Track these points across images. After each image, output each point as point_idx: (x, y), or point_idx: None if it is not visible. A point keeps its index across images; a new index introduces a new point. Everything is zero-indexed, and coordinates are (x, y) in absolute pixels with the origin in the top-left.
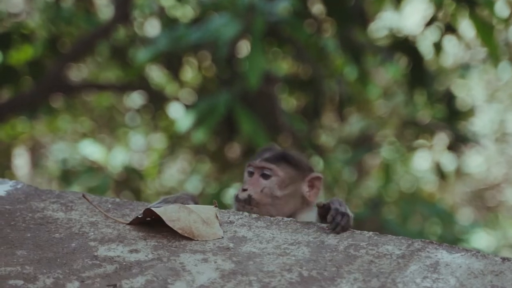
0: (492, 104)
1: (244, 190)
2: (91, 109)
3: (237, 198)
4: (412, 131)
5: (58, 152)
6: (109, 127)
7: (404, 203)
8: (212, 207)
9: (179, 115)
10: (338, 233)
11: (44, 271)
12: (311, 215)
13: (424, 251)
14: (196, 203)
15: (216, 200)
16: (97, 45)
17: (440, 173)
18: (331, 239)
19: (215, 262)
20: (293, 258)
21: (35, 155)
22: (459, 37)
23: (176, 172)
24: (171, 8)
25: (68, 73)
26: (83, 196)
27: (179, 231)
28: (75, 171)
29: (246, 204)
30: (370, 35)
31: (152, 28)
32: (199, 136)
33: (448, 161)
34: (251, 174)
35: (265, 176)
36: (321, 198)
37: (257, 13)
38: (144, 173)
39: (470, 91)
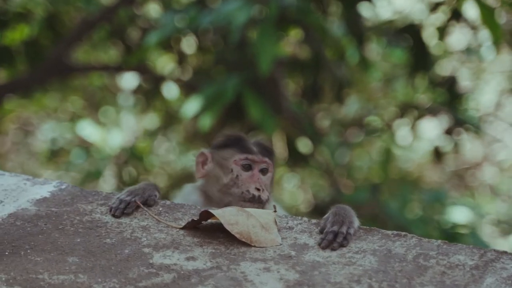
0: (476, 85)
1: (258, 189)
2: (83, 88)
3: (259, 199)
4: (412, 114)
5: (47, 131)
6: (101, 107)
7: (402, 188)
8: (270, 211)
9: (176, 95)
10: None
11: (99, 280)
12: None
13: (498, 261)
14: (158, 191)
15: None
16: (100, 27)
17: (437, 156)
18: (398, 248)
19: (278, 272)
20: (360, 268)
21: (23, 134)
22: (465, 22)
23: (168, 152)
24: None
25: (68, 56)
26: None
27: (237, 236)
28: (64, 150)
29: (261, 203)
30: (376, 18)
31: (154, 10)
32: (206, 121)
33: (446, 144)
34: (247, 168)
35: (264, 172)
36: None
37: None
38: (137, 153)
39: (469, 75)
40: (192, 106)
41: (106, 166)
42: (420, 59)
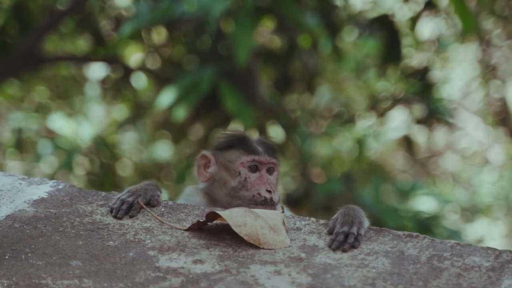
0: (444, 74)
1: (269, 191)
2: (50, 78)
3: (271, 202)
4: (383, 104)
5: (14, 121)
6: (68, 97)
7: (374, 178)
8: (278, 212)
9: (145, 86)
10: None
11: (105, 285)
12: None
13: None
14: (160, 191)
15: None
16: (70, 17)
17: (407, 144)
18: (411, 249)
19: (289, 275)
20: (374, 270)
21: None
22: (438, 12)
23: (136, 142)
24: None
25: (38, 46)
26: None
27: (245, 238)
28: (31, 141)
29: (273, 205)
30: (349, 8)
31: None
32: (180, 113)
33: (416, 133)
34: (254, 169)
35: (270, 172)
36: None
37: None
38: (107, 143)
39: (439, 64)
40: (167, 97)
41: (76, 158)
42: (392, 49)
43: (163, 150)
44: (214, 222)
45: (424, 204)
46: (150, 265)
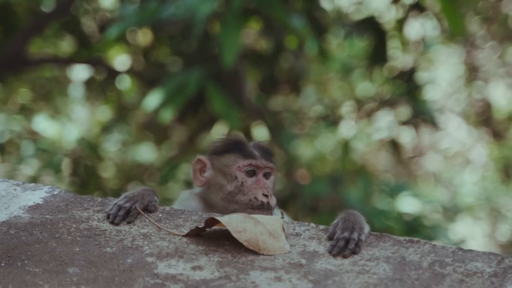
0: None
1: (265, 195)
2: (33, 80)
3: (268, 206)
4: (369, 106)
5: None
6: (51, 99)
7: (361, 179)
8: (278, 218)
9: (129, 87)
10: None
11: None
12: None
13: None
14: (157, 196)
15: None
16: (56, 20)
17: (394, 147)
18: (412, 255)
19: (290, 281)
20: (375, 276)
21: None
22: (425, 14)
23: (119, 143)
24: None
25: (24, 49)
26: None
27: (245, 243)
28: (13, 143)
29: (270, 210)
30: (336, 10)
31: (109, 2)
32: (167, 115)
33: (404, 135)
34: (251, 174)
35: (267, 176)
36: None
37: None
38: (91, 145)
39: (425, 65)
40: (153, 99)
41: (62, 160)
42: (379, 51)
43: (147, 152)
44: (212, 228)
45: (408, 205)
46: (149, 271)
